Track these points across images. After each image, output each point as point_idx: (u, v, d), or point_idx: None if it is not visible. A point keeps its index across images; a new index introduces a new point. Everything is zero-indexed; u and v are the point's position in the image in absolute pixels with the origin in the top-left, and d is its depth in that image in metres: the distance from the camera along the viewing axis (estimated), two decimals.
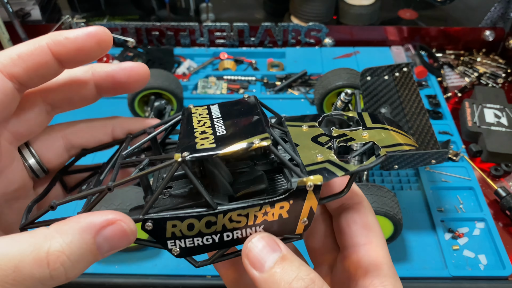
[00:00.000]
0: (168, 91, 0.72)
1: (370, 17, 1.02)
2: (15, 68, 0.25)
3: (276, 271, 0.24)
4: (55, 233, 0.21)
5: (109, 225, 0.22)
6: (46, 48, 0.25)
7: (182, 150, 0.25)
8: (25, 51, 0.25)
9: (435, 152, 0.53)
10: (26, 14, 0.97)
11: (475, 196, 0.66)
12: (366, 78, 0.65)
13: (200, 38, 0.94)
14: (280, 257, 0.25)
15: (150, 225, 0.26)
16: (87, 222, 0.22)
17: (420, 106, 0.60)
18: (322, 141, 0.30)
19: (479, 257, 0.59)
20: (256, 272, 0.25)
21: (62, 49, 0.25)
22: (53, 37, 0.26)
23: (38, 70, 0.25)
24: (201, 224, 0.26)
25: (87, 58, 0.26)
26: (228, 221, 0.26)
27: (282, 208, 0.27)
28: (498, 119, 0.75)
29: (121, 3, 1.12)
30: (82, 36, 0.25)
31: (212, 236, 0.27)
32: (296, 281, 0.24)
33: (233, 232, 0.27)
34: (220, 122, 0.28)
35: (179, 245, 0.27)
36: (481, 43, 0.93)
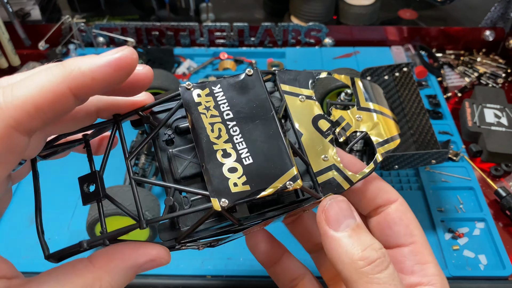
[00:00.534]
0: (168, 91, 0.72)
1: (370, 17, 1.02)
2: (32, 123, 0.20)
3: (351, 235, 0.24)
4: (104, 274, 0.22)
5: (151, 262, 0.23)
6: (68, 92, 0.21)
7: (217, 193, 0.25)
8: (43, 100, 0.20)
9: (435, 152, 0.53)
10: (26, 14, 0.97)
11: (475, 196, 0.66)
12: (366, 78, 0.65)
13: (200, 38, 0.94)
14: (356, 224, 0.25)
15: (186, 246, 0.29)
16: (132, 262, 0.22)
17: (420, 106, 0.60)
18: (323, 128, 0.30)
19: (479, 257, 0.59)
20: (330, 229, 0.25)
21: (85, 90, 0.21)
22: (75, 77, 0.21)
23: (56, 116, 0.21)
24: (225, 237, 0.30)
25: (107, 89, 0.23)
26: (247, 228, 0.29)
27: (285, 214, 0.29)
28: (498, 119, 0.75)
29: (121, 3, 1.12)
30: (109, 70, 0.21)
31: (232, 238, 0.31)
32: (370, 250, 0.24)
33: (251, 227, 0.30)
34: (236, 131, 0.27)
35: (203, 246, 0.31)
36: (481, 43, 0.93)
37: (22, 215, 0.64)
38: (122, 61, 0.21)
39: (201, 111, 0.28)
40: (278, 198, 0.29)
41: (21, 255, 0.58)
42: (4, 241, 0.61)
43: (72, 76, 0.21)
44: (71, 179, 0.72)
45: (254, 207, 0.29)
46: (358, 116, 0.32)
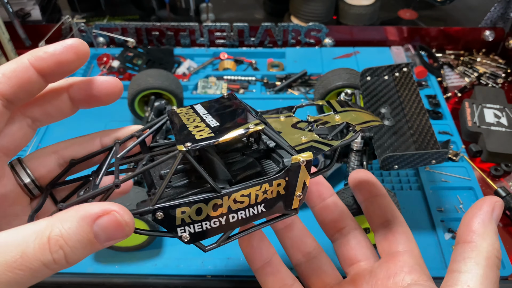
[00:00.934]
0: (168, 91, 0.72)
1: (370, 17, 1.02)
2: (1, 86, 0.26)
3: None
4: (57, 221, 0.23)
5: (104, 215, 0.23)
6: (28, 64, 0.26)
7: (183, 142, 0.27)
8: (8, 69, 0.26)
9: (435, 152, 0.53)
10: (26, 14, 0.97)
11: (475, 196, 0.66)
12: (366, 78, 0.65)
13: (200, 38, 0.94)
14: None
15: (161, 215, 0.27)
16: (85, 211, 0.23)
17: (420, 106, 0.60)
18: (302, 126, 0.33)
19: None
20: None
21: (43, 64, 0.27)
22: (33, 53, 0.27)
23: (23, 86, 0.26)
24: (208, 207, 0.28)
25: (68, 70, 0.28)
26: (233, 202, 0.29)
27: (280, 185, 0.29)
28: (498, 119, 0.75)
29: (121, 3, 1.12)
30: (61, 49, 0.27)
31: (219, 219, 0.29)
32: None
33: (237, 213, 0.29)
34: (209, 116, 0.30)
35: (188, 231, 0.28)
36: (481, 43, 0.93)
37: None
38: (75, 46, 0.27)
39: (181, 116, 0.31)
40: (260, 172, 0.31)
41: None
42: None
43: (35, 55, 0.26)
44: None
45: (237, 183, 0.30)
46: (336, 117, 0.34)
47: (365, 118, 0.33)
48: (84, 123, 0.78)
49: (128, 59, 0.87)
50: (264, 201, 0.29)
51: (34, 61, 0.27)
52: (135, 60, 0.88)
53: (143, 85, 0.71)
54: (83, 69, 0.88)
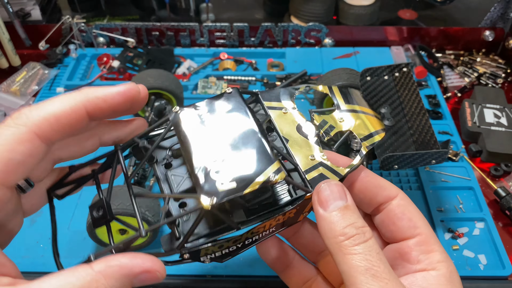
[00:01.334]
0: (168, 91, 0.72)
1: (370, 17, 1.03)
2: (52, 133, 0.25)
3: (337, 215, 0.28)
4: (101, 277, 0.23)
5: (146, 273, 0.25)
6: (83, 110, 0.26)
7: (205, 192, 0.27)
8: (62, 113, 0.25)
9: (435, 152, 0.53)
10: (27, 14, 0.97)
11: (475, 196, 0.66)
12: (366, 78, 0.65)
13: (200, 38, 0.94)
14: (345, 205, 0.28)
15: (187, 255, 0.29)
16: (128, 269, 0.24)
17: (420, 106, 0.60)
18: (308, 132, 0.33)
19: (479, 257, 0.59)
20: (320, 209, 0.28)
21: (98, 111, 0.26)
22: (90, 99, 0.26)
23: (72, 131, 0.26)
24: (229, 243, 0.30)
25: (118, 115, 0.28)
26: (250, 233, 0.31)
27: (291, 213, 0.31)
28: (498, 119, 0.75)
29: (121, 3, 1.12)
30: (118, 98, 0.27)
31: (236, 245, 0.31)
32: (350, 227, 0.27)
33: (252, 238, 0.31)
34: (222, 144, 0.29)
35: (210, 257, 0.31)
36: (481, 43, 0.93)
37: None
38: (130, 92, 0.27)
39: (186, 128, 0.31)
40: (273, 201, 0.31)
41: (21, 255, 0.58)
42: None
43: (88, 98, 0.26)
44: None
45: (251, 212, 0.31)
46: (340, 118, 0.34)
47: (370, 125, 0.33)
48: None
49: (128, 59, 0.87)
50: (276, 226, 0.31)
51: (90, 108, 0.26)
52: (135, 60, 0.88)
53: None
54: (83, 69, 0.88)
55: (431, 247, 0.30)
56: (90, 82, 0.83)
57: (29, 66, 0.89)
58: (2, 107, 0.81)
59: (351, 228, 0.27)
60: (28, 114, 0.24)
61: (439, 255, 0.29)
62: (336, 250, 0.27)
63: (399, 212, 0.31)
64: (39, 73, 0.88)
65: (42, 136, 0.24)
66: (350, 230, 0.27)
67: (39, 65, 0.89)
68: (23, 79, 0.86)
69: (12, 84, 0.85)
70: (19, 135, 0.23)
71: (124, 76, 0.86)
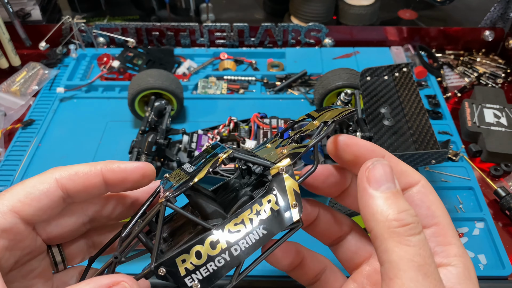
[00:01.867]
0: (168, 91, 0.72)
1: (370, 17, 1.03)
2: (70, 182, 0.29)
3: (389, 197, 0.25)
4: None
5: (114, 285, 0.25)
6: (100, 172, 0.29)
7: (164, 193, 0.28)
8: (82, 170, 0.29)
9: (434, 152, 0.54)
10: (27, 14, 0.97)
11: (475, 196, 0.66)
12: (365, 78, 0.65)
13: (200, 38, 0.94)
14: (396, 189, 0.26)
15: (163, 270, 0.27)
16: (96, 283, 0.25)
17: (420, 106, 0.60)
18: (286, 144, 0.32)
19: (478, 257, 0.59)
20: (371, 188, 0.26)
21: (112, 175, 0.30)
22: (107, 164, 0.30)
23: (88, 189, 0.29)
24: (206, 247, 0.27)
25: (131, 187, 0.31)
26: (229, 234, 0.27)
27: (270, 201, 0.28)
28: (498, 119, 0.75)
29: (121, 3, 1.12)
30: (131, 167, 0.30)
31: (222, 256, 0.27)
32: (406, 214, 0.25)
33: (238, 244, 0.27)
34: (191, 167, 0.30)
35: (196, 278, 0.27)
36: (481, 43, 0.93)
37: None
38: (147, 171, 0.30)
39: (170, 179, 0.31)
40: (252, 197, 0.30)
41: None
42: None
43: (104, 163, 0.30)
44: None
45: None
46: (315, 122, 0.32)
47: (340, 111, 0.31)
48: (84, 123, 0.78)
49: (128, 59, 0.87)
50: (261, 223, 0.28)
51: (106, 171, 0.29)
52: (135, 60, 0.88)
53: (143, 85, 0.71)
54: (83, 69, 0.88)
55: (448, 239, 0.27)
56: (90, 82, 0.84)
57: (29, 66, 0.89)
58: (2, 107, 0.81)
59: (406, 214, 0.24)
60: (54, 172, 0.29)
61: (456, 249, 0.27)
62: (386, 236, 0.24)
63: (418, 199, 0.29)
64: (39, 73, 0.88)
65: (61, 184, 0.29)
66: (406, 217, 0.24)
67: (39, 65, 0.89)
68: (23, 79, 0.86)
69: (12, 84, 0.85)
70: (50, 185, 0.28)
71: (124, 76, 0.86)
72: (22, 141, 0.75)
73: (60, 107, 0.81)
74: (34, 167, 0.71)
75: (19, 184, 0.28)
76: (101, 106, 0.82)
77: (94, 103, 0.82)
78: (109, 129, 0.77)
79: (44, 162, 0.72)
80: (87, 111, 0.81)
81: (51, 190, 0.28)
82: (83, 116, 0.80)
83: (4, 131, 0.76)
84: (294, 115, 0.79)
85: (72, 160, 0.72)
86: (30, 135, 0.76)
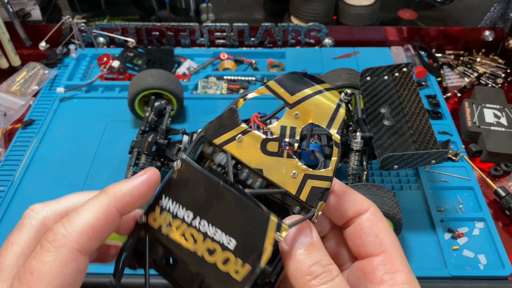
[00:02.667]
0: (169, 91, 0.72)
1: (370, 18, 1.03)
2: (92, 243, 0.25)
3: (302, 253, 0.26)
4: None
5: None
6: (116, 212, 0.26)
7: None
8: (98, 222, 0.25)
9: (434, 152, 0.54)
10: (27, 15, 0.97)
11: (475, 196, 0.66)
12: (365, 78, 0.65)
13: (200, 38, 0.94)
14: (310, 243, 0.27)
15: None
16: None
17: (420, 106, 0.60)
18: (274, 149, 0.29)
19: (478, 257, 0.59)
20: (286, 247, 0.27)
21: (128, 207, 0.26)
22: (119, 199, 0.26)
23: (109, 234, 0.26)
24: None
25: (142, 203, 0.28)
26: None
27: None
28: (498, 119, 0.75)
29: (121, 4, 1.12)
30: (143, 188, 0.27)
31: None
32: (316, 266, 0.26)
33: None
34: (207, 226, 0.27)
35: None
36: (481, 43, 0.93)
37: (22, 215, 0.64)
38: (151, 179, 0.27)
39: (165, 232, 0.28)
40: None
41: None
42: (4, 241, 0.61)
43: (116, 198, 0.26)
44: (73, 180, 0.72)
45: None
46: (295, 114, 0.29)
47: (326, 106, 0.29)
48: (84, 123, 0.78)
49: (128, 59, 0.87)
50: None
51: (122, 210, 0.26)
52: (135, 60, 0.88)
53: (143, 85, 0.71)
54: (83, 69, 0.88)
55: (395, 266, 0.28)
56: (90, 82, 0.83)
57: (29, 66, 0.89)
58: (2, 107, 0.81)
59: (317, 266, 0.26)
60: (65, 234, 0.24)
61: (404, 276, 0.28)
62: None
63: (367, 226, 0.29)
64: (39, 73, 0.88)
65: (84, 251, 0.25)
66: (317, 269, 0.26)
67: (39, 65, 0.89)
68: (23, 79, 0.86)
69: (12, 84, 0.85)
70: (63, 258, 0.24)
71: (124, 76, 0.86)
72: (22, 141, 0.75)
73: (60, 107, 0.81)
74: (34, 167, 0.71)
75: None
76: (101, 106, 0.82)
77: (94, 103, 0.82)
78: (109, 129, 0.77)
79: (44, 162, 0.72)
80: (87, 111, 0.81)
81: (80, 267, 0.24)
82: (83, 116, 0.80)
83: (4, 131, 0.76)
84: None
85: (72, 160, 0.72)
86: (30, 135, 0.76)
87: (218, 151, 0.29)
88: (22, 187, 0.68)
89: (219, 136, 0.29)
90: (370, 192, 0.54)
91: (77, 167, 0.71)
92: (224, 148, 0.29)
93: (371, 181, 0.67)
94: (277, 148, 0.29)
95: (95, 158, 0.72)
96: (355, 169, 0.60)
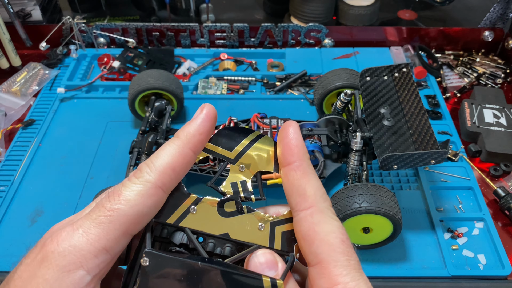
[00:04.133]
0: (169, 91, 0.72)
1: (370, 18, 1.03)
2: (171, 182, 0.27)
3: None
4: None
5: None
6: (191, 152, 0.27)
7: None
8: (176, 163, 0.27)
9: (434, 152, 0.54)
10: (27, 15, 0.97)
11: (474, 196, 0.66)
12: (365, 79, 0.65)
13: (200, 38, 0.94)
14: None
15: None
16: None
17: (420, 106, 0.60)
18: (233, 209, 0.28)
19: (478, 257, 0.59)
20: None
21: (200, 145, 0.28)
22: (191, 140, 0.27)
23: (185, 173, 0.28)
24: None
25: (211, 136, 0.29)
26: None
27: None
28: (497, 119, 0.75)
29: (121, 4, 1.12)
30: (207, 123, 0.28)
31: None
32: None
33: None
34: None
35: None
36: (480, 43, 0.93)
37: (22, 215, 0.64)
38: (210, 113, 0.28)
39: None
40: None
41: (21, 255, 0.59)
42: (4, 241, 0.61)
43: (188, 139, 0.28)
44: (73, 179, 0.72)
45: None
46: (240, 167, 0.29)
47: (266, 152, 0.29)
48: (84, 123, 0.78)
49: (129, 59, 0.88)
50: None
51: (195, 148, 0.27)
52: (136, 60, 0.88)
53: (143, 86, 0.71)
54: (83, 70, 0.88)
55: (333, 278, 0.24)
56: (91, 83, 0.84)
57: (29, 66, 0.89)
58: (3, 107, 0.81)
59: None
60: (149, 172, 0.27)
61: None
62: None
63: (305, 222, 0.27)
64: (39, 74, 0.88)
65: (164, 188, 0.27)
66: None
67: (39, 66, 0.89)
68: (24, 80, 0.86)
69: (13, 84, 0.85)
70: (146, 191, 0.26)
71: (125, 76, 0.87)
72: (23, 141, 0.75)
73: (60, 107, 0.81)
74: (35, 167, 0.71)
75: None
76: (101, 106, 0.82)
77: (95, 103, 0.82)
78: (109, 129, 0.77)
79: (44, 162, 0.72)
80: (88, 111, 0.81)
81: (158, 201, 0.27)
82: (83, 116, 0.80)
83: (5, 131, 0.77)
84: (294, 115, 0.79)
85: (72, 160, 0.72)
86: (31, 135, 0.76)
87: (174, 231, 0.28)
88: (22, 187, 0.68)
89: (171, 215, 0.28)
90: (370, 192, 0.54)
91: (78, 167, 0.71)
92: (180, 225, 0.27)
93: (371, 181, 0.68)
94: (235, 207, 0.28)
95: (95, 158, 0.72)
96: (355, 169, 0.60)
